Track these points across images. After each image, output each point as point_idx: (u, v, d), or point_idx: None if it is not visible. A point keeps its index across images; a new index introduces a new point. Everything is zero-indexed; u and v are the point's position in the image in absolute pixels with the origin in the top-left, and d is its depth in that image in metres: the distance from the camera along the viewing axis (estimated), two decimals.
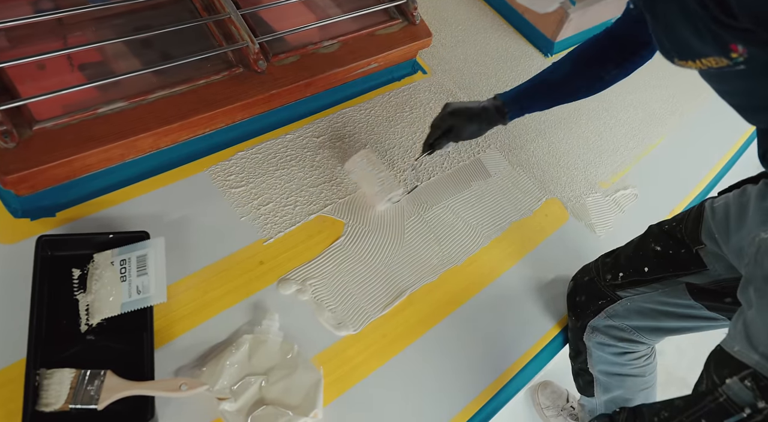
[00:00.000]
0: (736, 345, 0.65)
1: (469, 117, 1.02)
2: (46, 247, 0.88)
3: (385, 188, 1.13)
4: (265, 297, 0.99)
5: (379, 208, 1.16)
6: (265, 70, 1.12)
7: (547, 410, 1.25)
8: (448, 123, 1.03)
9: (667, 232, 0.93)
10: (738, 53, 0.58)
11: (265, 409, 0.84)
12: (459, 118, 1.02)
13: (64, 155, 0.91)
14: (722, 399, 0.64)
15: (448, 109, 1.04)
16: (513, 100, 1.01)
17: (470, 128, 1.03)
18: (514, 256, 1.22)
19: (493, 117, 1.02)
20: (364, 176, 1.14)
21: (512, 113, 1.02)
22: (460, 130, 1.03)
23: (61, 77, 1.00)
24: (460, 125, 1.02)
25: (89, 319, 0.86)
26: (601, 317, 1.03)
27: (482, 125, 1.03)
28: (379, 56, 1.29)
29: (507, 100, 1.01)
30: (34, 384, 0.75)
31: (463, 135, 1.04)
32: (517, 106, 1.01)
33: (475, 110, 1.02)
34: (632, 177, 1.50)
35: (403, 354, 1.01)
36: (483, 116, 1.02)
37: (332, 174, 1.20)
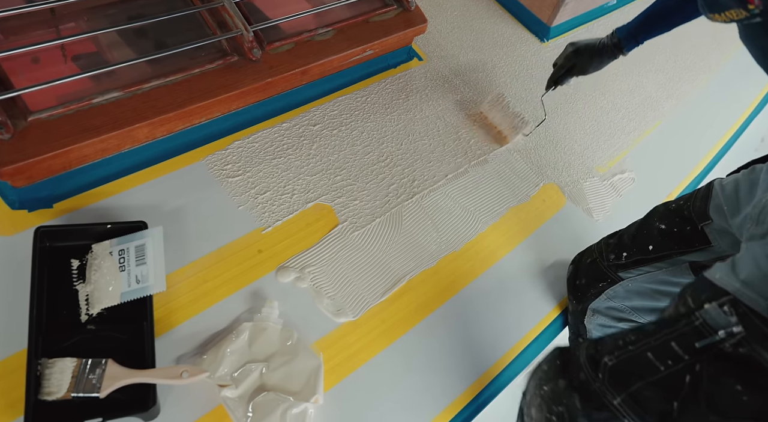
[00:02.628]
0: (717, 273, 0.63)
1: (590, 54, 1.15)
2: (44, 238, 0.88)
3: (518, 123, 1.33)
4: (264, 285, 0.99)
5: (513, 140, 1.36)
6: (260, 59, 1.12)
7: None
8: (573, 61, 1.18)
9: (673, 211, 0.94)
10: (754, 5, 0.61)
11: (266, 395, 0.85)
12: (582, 56, 1.16)
13: (60, 146, 0.90)
14: (698, 323, 0.61)
15: (571, 48, 1.18)
16: (628, 34, 1.11)
17: (593, 63, 1.16)
18: (512, 241, 1.22)
19: (612, 51, 1.14)
20: (501, 113, 1.35)
21: (628, 46, 1.12)
22: (584, 65, 1.17)
23: (55, 68, 1.00)
24: (583, 61, 1.17)
25: (89, 309, 0.86)
26: (602, 299, 1.04)
27: (603, 59, 1.15)
28: (375, 43, 1.28)
29: (623, 36, 1.12)
30: (36, 374, 0.76)
31: (587, 70, 1.17)
32: (633, 40, 1.11)
33: (597, 47, 1.15)
34: (629, 161, 1.50)
35: (403, 340, 1.02)
36: (603, 51, 1.14)
37: (329, 162, 1.20)
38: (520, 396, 0.85)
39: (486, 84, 1.51)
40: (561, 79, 1.23)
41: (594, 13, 1.84)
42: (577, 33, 1.79)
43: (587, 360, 0.71)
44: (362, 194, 1.17)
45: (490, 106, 1.38)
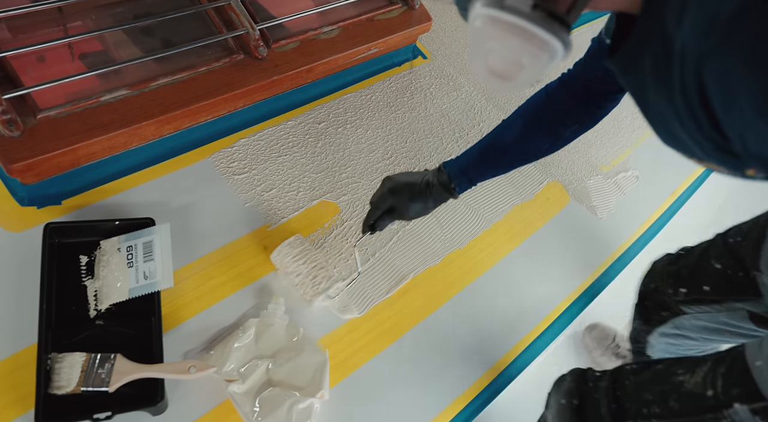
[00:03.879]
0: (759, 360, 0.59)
1: (411, 195, 0.89)
2: (53, 234, 0.89)
3: (321, 282, 0.98)
4: (270, 282, 1.00)
5: (315, 304, 0.98)
6: (265, 57, 1.12)
7: (594, 351, 1.26)
8: (389, 202, 0.90)
9: (729, 249, 0.86)
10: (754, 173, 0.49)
11: (272, 391, 0.86)
12: (400, 197, 0.89)
13: (69, 143, 0.91)
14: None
15: (387, 185, 0.91)
16: (459, 173, 0.87)
17: (414, 207, 0.89)
18: (516, 239, 1.23)
19: (440, 193, 0.89)
20: (296, 269, 0.98)
21: (460, 187, 0.88)
22: (403, 209, 0.89)
23: (63, 66, 1.00)
24: (402, 203, 0.89)
25: (98, 305, 0.87)
26: (669, 326, 1.00)
27: (428, 202, 0.89)
28: (379, 41, 1.29)
29: (453, 172, 0.88)
30: (46, 368, 0.77)
31: (407, 215, 0.90)
32: (465, 178, 0.87)
33: (418, 187, 0.89)
34: (633, 159, 1.50)
35: (407, 336, 1.02)
36: (427, 192, 0.89)
37: (334, 160, 1.20)
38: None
39: None
40: (378, 223, 0.93)
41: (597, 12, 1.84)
42: (581, 31, 1.79)
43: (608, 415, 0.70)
44: (367, 191, 1.18)
45: (283, 256, 0.99)
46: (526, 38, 0.42)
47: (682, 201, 1.48)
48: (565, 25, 0.42)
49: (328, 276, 0.98)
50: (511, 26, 0.41)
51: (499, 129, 0.88)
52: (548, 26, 0.41)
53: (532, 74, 0.45)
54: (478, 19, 0.43)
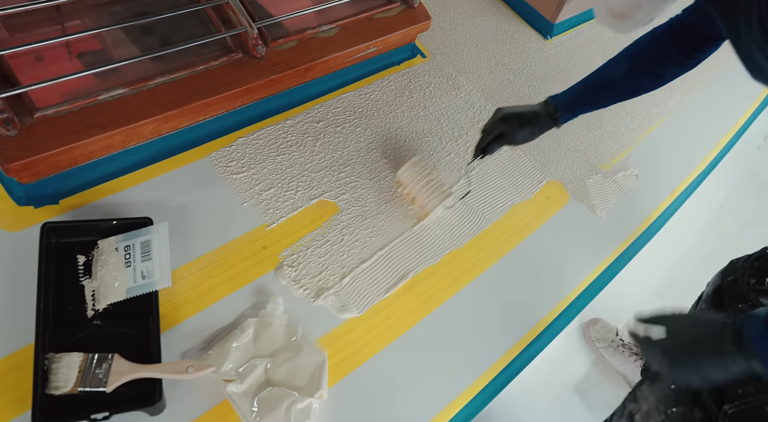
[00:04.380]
0: None
1: (520, 123, 1.00)
2: (50, 234, 0.89)
3: (439, 196, 1.13)
4: (268, 281, 1.00)
5: (433, 216, 1.15)
6: (264, 56, 1.12)
7: (597, 342, 1.26)
8: (500, 129, 1.01)
9: None
10: None
11: (271, 390, 0.85)
12: (510, 124, 1.00)
13: (66, 143, 0.91)
14: None
15: (498, 114, 1.03)
16: (564, 105, 0.99)
17: (522, 133, 1.01)
18: (515, 238, 1.22)
19: (545, 122, 1.00)
20: (418, 184, 1.14)
21: (564, 118, 0.99)
22: (512, 135, 1.01)
23: (61, 65, 1.00)
24: (511, 130, 1.00)
25: (95, 304, 0.86)
26: None
27: (534, 129, 1.01)
28: (378, 40, 1.28)
29: (558, 104, 0.99)
30: (43, 368, 0.76)
31: (515, 140, 1.02)
32: (569, 110, 0.99)
33: (527, 116, 1.00)
34: (633, 158, 1.50)
35: (407, 336, 1.02)
36: (534, 121, 1.00)
37: (333, 159, 1.20)
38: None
39: (489, 81, 1.51)
40: (489, 147, 1.05)
41: None
42: (580, 30, 1.78)
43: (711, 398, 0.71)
44: (366, 190, 1.18)
45: (408, 173, 1.16)
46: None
47: (682, 200, 1.47)
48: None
49: (444, 191, 1.14)
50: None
51: (604, 67, 0.95)
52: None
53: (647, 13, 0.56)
54: None
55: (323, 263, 1.05)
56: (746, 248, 1.62)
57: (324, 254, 1.06)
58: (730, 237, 1.67)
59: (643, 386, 0.82)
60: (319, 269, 1.04)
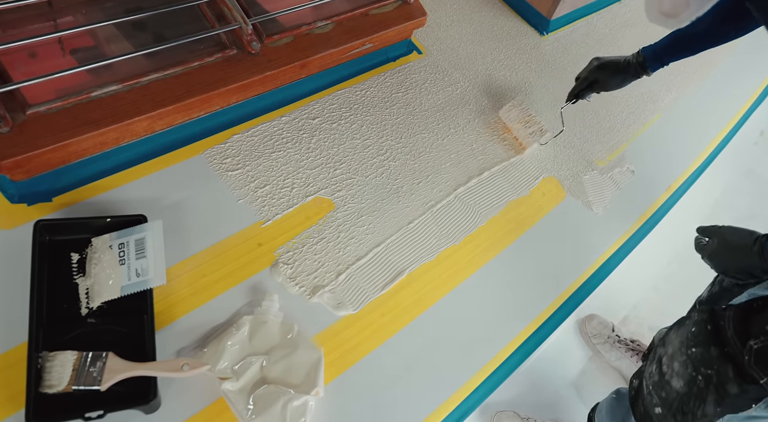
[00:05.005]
0: None
1: (614, 71, 1.12)
2: (43, 232, 0.88)
3: (536, 131, 1.31)
4: (264, 279, 0.99)
5: (530, 149, 1.34)
6: (259, 52, 1.11)
7: (594, 338, 1.28)
8: (595, 75, 1.14)
9: None
10: None
11: (266, 388, 0.85)
12: (605, 71, 1.13)
13: (59, 140, 0.90)
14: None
15: (595, 63, 1.15)
16: (654, 55, 1.08)
17: (615, 80, 1.13)
18: (511, 235, 1.22)
19: (636, 70, 1.10)
20: (519, 120, 1.33)
21: (653, 67, 1.09)
22: (606, 82, 1.14)
23: (53, 62, 0.99)
24: (606, 77, 1.13)
25: (89, 302, 0.86)
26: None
27: (626, 77, 1.12)
28: (374, 36, 1.28)
29: (648, 55, 1.08)
30: (37, 367, 0.76)
31: (609, 87, 1.14)
32: (658, 60, 1.08)
33: (621, 65, 1.11)
34: (629, 154, 1.50)
35: (402, 333, 1.02)
36: (627, 69, 1.11)
37: (329, 156, 1.19)
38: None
39: (485, 77, 1.51)
40: (582, 93, 1.19)
41: (594, 6, 1.84)
42: (577, 26, 1.78)
43: (735, 336, 0.74)
44: (362, 187, 1.17)
45: (508, 112, 1.36)
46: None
47: (678, 195, 1.47)
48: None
49: (541, 128, 1.33)
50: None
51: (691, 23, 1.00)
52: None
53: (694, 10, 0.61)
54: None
55: (319, 261, 1.04)
56: None
57: (320, 252, 1.05)
58: None
59: (670, 332, 0.85)
60: (315, 266, 1.04)
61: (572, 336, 1.32)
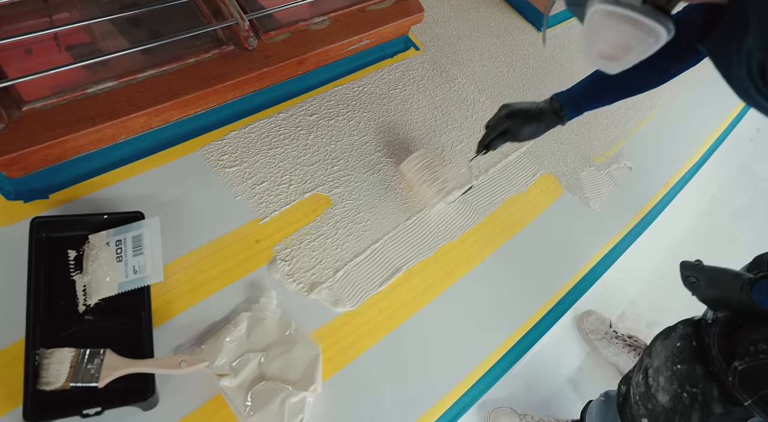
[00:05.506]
0: None
1: (525, 119, 1.00)
2: (40, 229, 0.88)
3: (441, 190, 1.13)
4: (261, 276, 0.99)
5: (435, 210, 1.16)
6: (255, 48, 1.11)
7: (591, 334, 1.28)
8: (505, 125, 1.01)
9: None
10: None
11: (264, 385, 0.85)
12: (516, 120, 1.00)
13: (55, 136, 0.90)
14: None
15: (504, 111, 1.02)
16: (570, 101, 0.98)
17: (527, 130, 1.00)
18: (509, 231, 1.22)
19: (551, 119, 0.99)
20: (420, 177, 1.14)
21: (570, 115, 0.99)
22: (517, 131, 1.01)
23: (49, 58, 0.99)
24: (516, 126, 1.00)
25: (87, 299, 0.86)
26: None
27: (540, 126, 1.00)
28: (371, 32, 1.27)
29: (564, 101, 0.98)
30: (34, 364, 0.76)
31: (520, 136, 1.01)
32: (575, 107, 0.98)
33: (532, 112, 1.00)
34: (626, 151, 1.50)
35: (401, 329, 1.02)
36: (540, 117, 0.99)
37: (326, 152, 1.19)
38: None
39: (483, 74, 1.51)
40: (492, 143, 1.04)
41: None
42: (575, 22, 1.78)
43: (719, 355, 0.73)
44: (359, 184, 1.17)
45: (411, 166, 1.16)
46: (637, 27, 0.53)
47: (675, 192, 1.48)
48: (668, 15, 0.52)
49: (447, 186, 1.14)
50: (626, 18, 0.52)
51: None
52: (655, 17, 0.52)
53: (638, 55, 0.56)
54: (597, 13, 0.54)
55: (317, 257, 1.04)
56: (739, 241, 1.63)
57: (317, 248, 1.05)
58: (722, 229, 1.67)
59: (657, 342, 0.84)
60: (313, 263, 1.03)
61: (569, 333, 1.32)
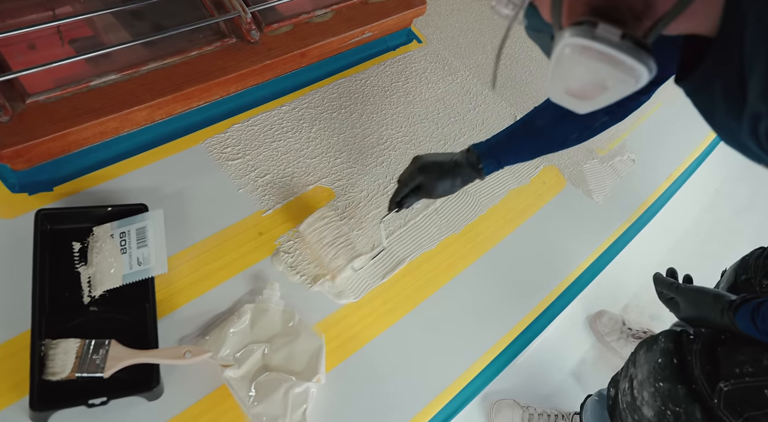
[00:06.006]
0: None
1: (439, 174, 0.91)
2: (45, 221, 0.88)
3: (346, 254, 1.02)
4: (265, 267, 1.00)
5: (338, 279, 1.01)
6: (258, 41, 1.11)
7: (607, 336, 1.27)
8: (418, 180, 0.92)
9: None
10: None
11: (268, 375, 0.85)
12: (429, 175, 0.91)
13: (59, 129, 0.90)
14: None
15: (417, 164, 0.93)
16: (488, 153, 0.89)
17: (442, 186, 0.91)
18: (512, 223, 1.22)
19: (467, 173, 0.91)
20: (321, 240, 1.03)
21: (488, 168, 0.90)
22: (431, 187, 0.92)
23: (52, 51, 0.99)
24: (430, 181, 0.91)
25: (91, 291, 0.86)
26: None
27: (455, 181, 0.91)
28: (374, 25, 1.27)
29: (482, 152, 0.89)
30: (40, 354, 0.76)
31: (434, 193, 0.92)
32: (494, 160, 0.89)
33: (447, 166, 0.91)
34: (630, 143, 1.49)
35: (404, 321, 1.02)
36: (456, 171, 0.91)
37: (329, 145, 1.19)
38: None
39: (486, 66, 1.50)
40: (405, 200, 0.95)
41: None
42: None
43: (702, 376, 0.71)
44: (362, 176, 1.17)
45: (311, 230, 1.03)
46: (614, 65, 0.43)
47: (678, 184, 1.47)
48: (649, 52, 0.43)
49: (353, 250, 1.03)
50: (602, 55, 0.43)
51: (530, 115, 0.89)
52: (636, 54, 0.42)
53: (612, 96, 0.47)
54: (568, 47, 0.44)
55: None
56: (742, 234, 1.63)
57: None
58: (726, 222, 1.67)
59: (640, 352, 0.82)
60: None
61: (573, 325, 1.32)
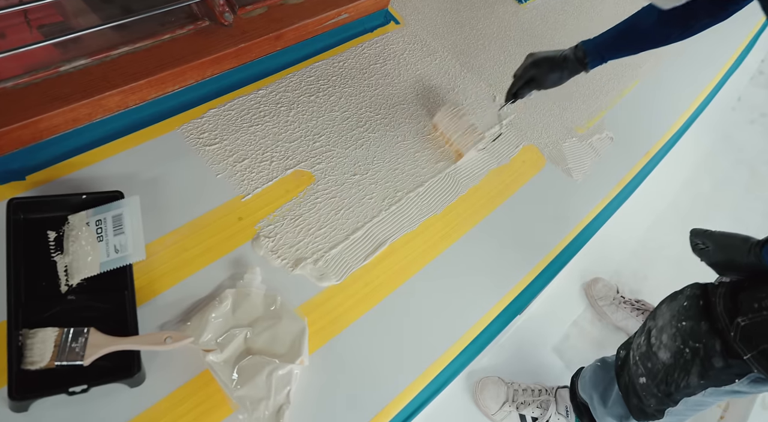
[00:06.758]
0: None
1: (550, 67, 1.04)
2: (18, 210, 0.87)
3: (473, 137, 1.21)
4: (245, 252, 0.99)
5: (468, 156, 1.24)
6: (232, 23, 1.09)
7: (600, 301, 1.30)
8: (531, 73, 1.06)
9: None
10: None
11: (251, 359, 0.85)
12: (541, 68, 1.05)
13: (29, 116, 0.89)
14: None
15: (530, 59, 1.06)
16: (594, 50, 1.00)
17: (552, 77, 1.04)
18: (492, 203, 1.23)
19: (574, 66, 1.03)
20: (454, 126, 1.23)
21: (593, 63, 1.01)
22: (543, 79, 1.05)
23: (20, 37, 0.96)
24: (542, 74, 1.05)
25: (69, 280, 0.85)
26: None
27: (563, 73, 1.04)
28: (350, 6, 1.26)
29: (588, 49, 1.01)
30: (18, 344, 0.76)
31: (546, 84, 1.06)
32: (598, 56, 1.00)
33: (557, 60, 1.04)
34: (608, 121, 1.50)
35: (386, 302, 1.03)
36: (564, 65, 1.03)
37: (307, 129, 1.18)
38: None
39: (464, 46, 1.50)
40: (520, 92, 1.10)
41: None
42: None
43: (724, 312, 0.74)
44: (341, 159, 1.17)
45: (443, 117, 1.25)
46: None
47: (656, 161, 1.49)
48: None
49: (477, 134, 1.21)
50: None
51: (636, 15, 0.96)
52: None
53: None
54: None
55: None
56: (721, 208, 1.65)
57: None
58: (705, 197, 1.69)
59: (662, 305, 0.86)
60: (297, 239, 1.03)
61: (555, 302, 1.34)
